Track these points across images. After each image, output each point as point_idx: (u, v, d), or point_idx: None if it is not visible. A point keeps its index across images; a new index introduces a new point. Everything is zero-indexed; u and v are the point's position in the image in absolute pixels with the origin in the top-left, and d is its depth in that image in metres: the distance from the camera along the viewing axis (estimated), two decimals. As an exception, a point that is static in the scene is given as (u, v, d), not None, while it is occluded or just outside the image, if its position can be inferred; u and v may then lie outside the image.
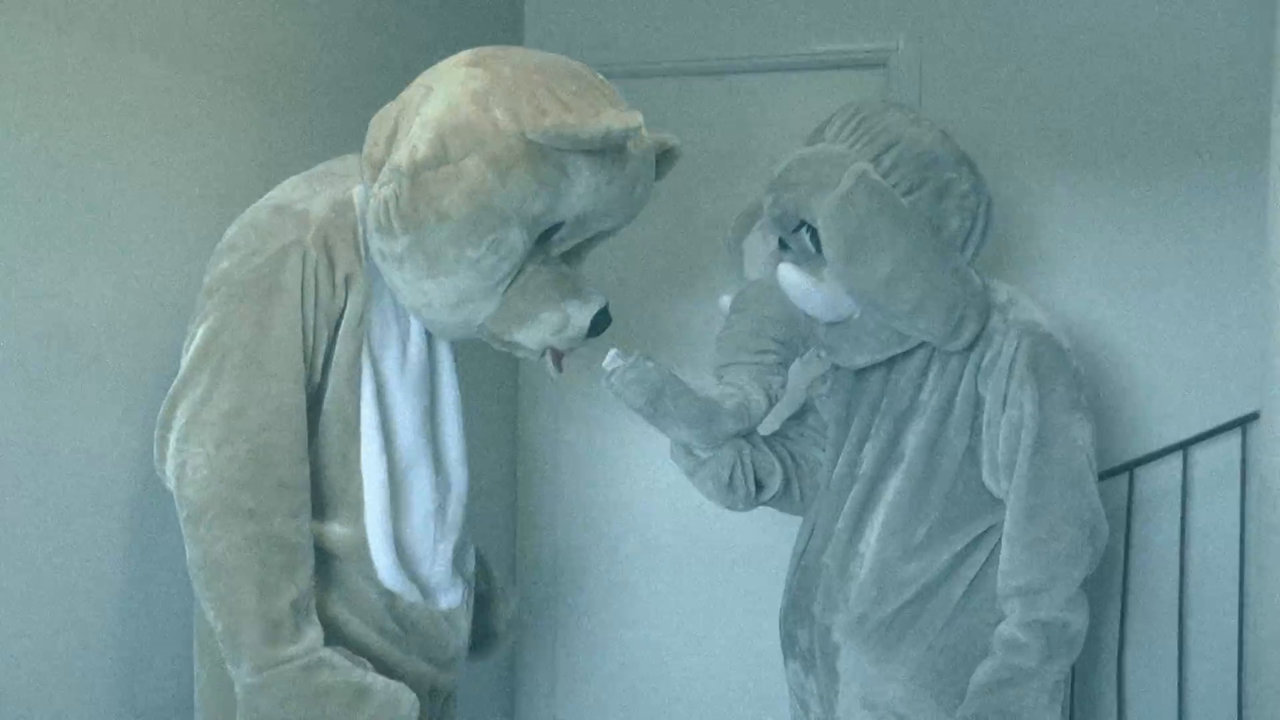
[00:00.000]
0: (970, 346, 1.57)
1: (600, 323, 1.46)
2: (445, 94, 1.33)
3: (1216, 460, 2.29)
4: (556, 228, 1.40)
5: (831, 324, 1.59)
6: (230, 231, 1.39)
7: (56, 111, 1.28)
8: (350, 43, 1.92)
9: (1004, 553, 1.53)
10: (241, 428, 1.27)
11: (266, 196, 1.42)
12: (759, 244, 1.69)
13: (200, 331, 1.30)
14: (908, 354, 1.65)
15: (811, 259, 1.58)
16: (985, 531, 1.57)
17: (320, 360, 1.36)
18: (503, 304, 1.41)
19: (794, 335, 1.60)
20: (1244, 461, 2.23)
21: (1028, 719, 1.48)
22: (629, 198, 1.42)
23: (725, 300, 1.69)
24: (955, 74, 2.42)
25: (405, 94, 1.41)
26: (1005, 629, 1.50)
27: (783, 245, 1.66)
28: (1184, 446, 2.26)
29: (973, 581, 1.57)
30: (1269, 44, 1.80)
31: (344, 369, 1.38)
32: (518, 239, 1.35)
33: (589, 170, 1.34)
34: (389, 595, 1.43)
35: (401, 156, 1.32)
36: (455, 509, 1.57)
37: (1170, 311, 2.31)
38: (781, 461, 1.74)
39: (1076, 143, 2.34)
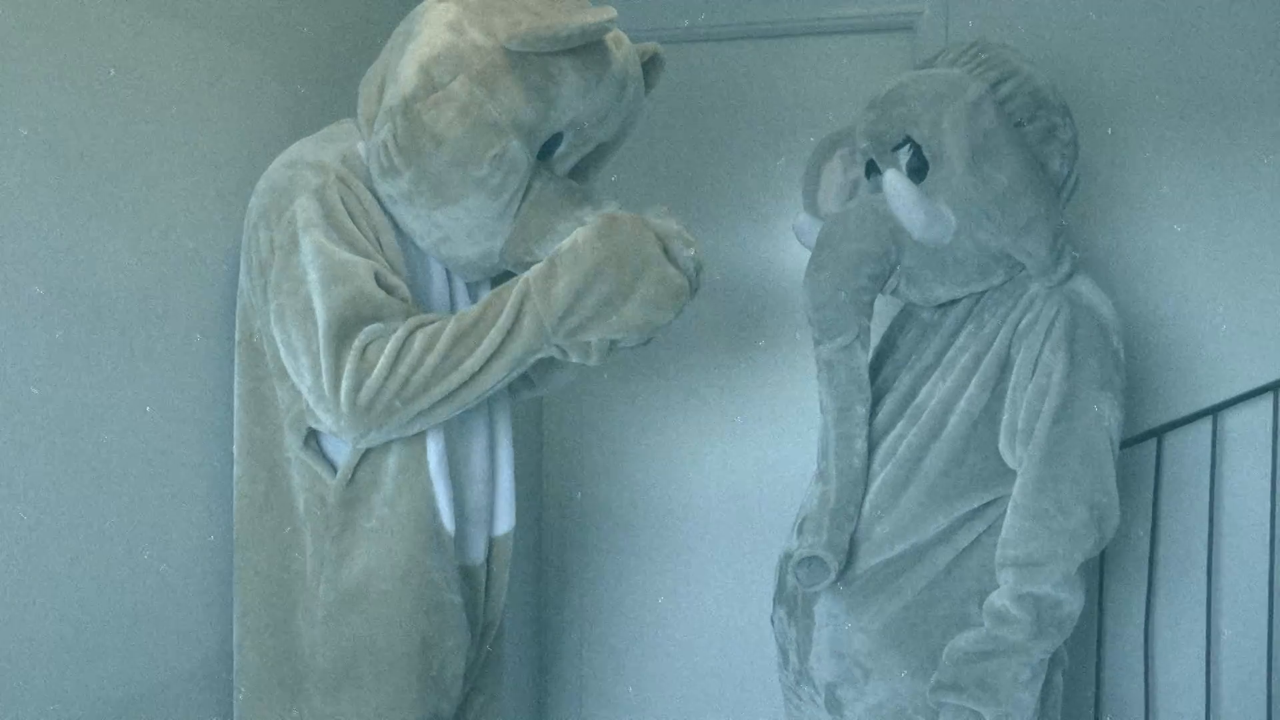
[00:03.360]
0: (1018, 307, 1.56)
1: None
2: (422, 34, 1.37)
3: (1247, 425, 2.26)
4: (556, 141, 1.43)
5: (919, 251, 1.56)
6: (255, 202, 1.42)
7: (80, 80, 1.29)
8: (372, 8, 1.91)
9: (1007, 520, 1.50)
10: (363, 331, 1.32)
11: (280, 157, 1.46)
12: (836, 173, 1.69)
13: (273, 298, 1.35)
14: (945, 312, 1.65)
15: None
16: (991, 502, 1.55)
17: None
18: (518, 224, 1.42)
19: (885, 270, 1.58)
20: (1275, 426, 2.21)
21: (1006, 693, 1.45)
22: (620, 101, 1.44)
23: (803, 220, 1.70)
24: (956, 40, 2.38)
25: (385, 49, 1.45)
26: (996, 599, 1.48)
27: (869, 173, 1.67)
28: (1214, 411, 2.24)
29: (966, 549, 1.55)
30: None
31: None
32: (519, 151, 1.36)
33: (574, 72, 1.36)
34: (449, 545, 1.46)
35: (391, 97, 1.36)
36: (480, 455, 1.57)
37: (1200, 275, 2.28)
38: None
39: (1102, 106, 2.31)
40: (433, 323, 1.35)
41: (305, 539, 1.44)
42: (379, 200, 1.42)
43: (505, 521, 1.62)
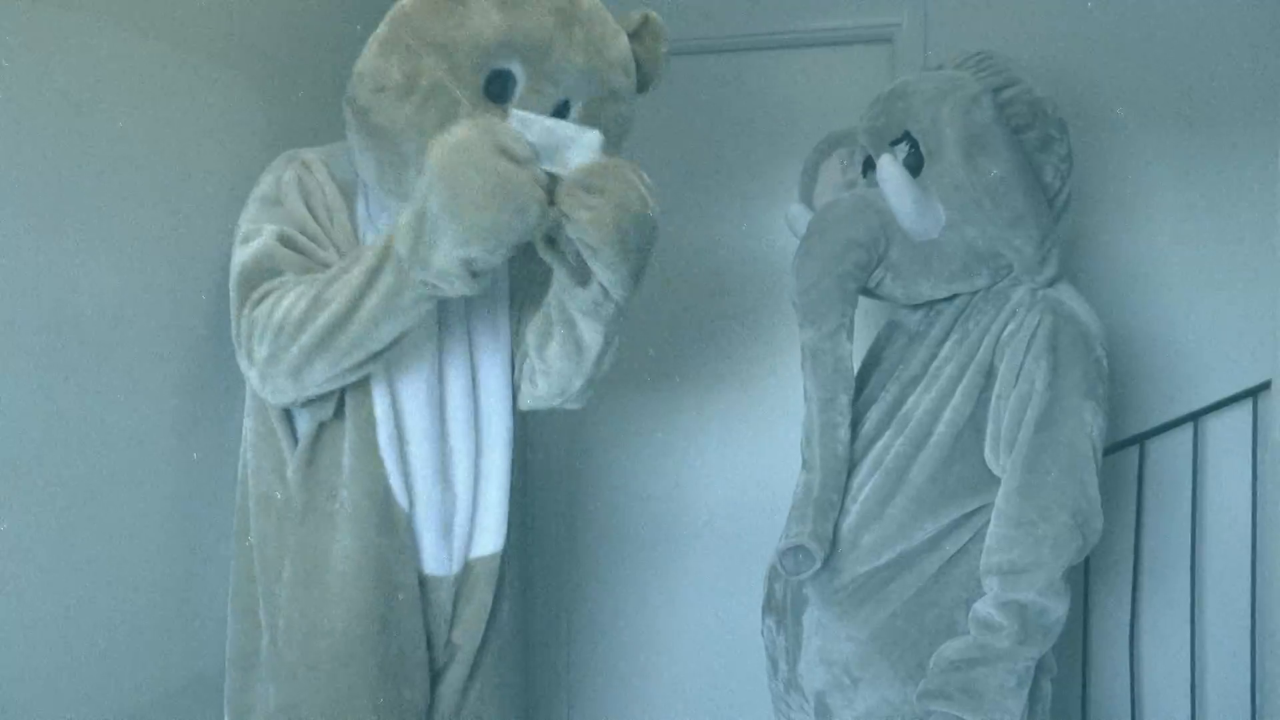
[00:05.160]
0: (1000, 316, 1.57)
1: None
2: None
3: (1228, 431, 2.28)
4: (509, 79, 1.43)
5: (906, 244, 1.58)
6: None
7: (60, 99, 1.29)
8: (354, 26, 1.91)
9: (991, 528, 1.51)
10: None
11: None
12: (834, 172, 1.71)
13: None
14: (931, 322, 1.66)
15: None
16: (977, 510, 1.55)
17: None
18: None
19: (872, 259, 1.59)
20: (1255, 431, 2.23)
21: (992, 699, 1.46)
22: (568, 38, 1.44)
23: (796, 210, 1.71)
24: (960, 49, 2.40)
25: None
26: (981, 607, 1.49)
27: (865, 172, 1.69)
28: (1195, 417, 2.26)
29: (953, 557, 1.55)
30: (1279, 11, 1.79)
31: None
32: (436, 70, 1.39)
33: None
34: (404, 526, 1.47)
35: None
36: (465, 466, 1.54)
37: (1181, 281, 2.30)
38: None
39: (1083, 116, 2.32)
40: (303, 276, 1.37)
41: (269, 524, 1.46)
42: (340, 189, 1.48)
43: (489, 542, 1.56)
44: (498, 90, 1.39)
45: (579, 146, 1.32)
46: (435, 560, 1.52)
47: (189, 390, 1.51)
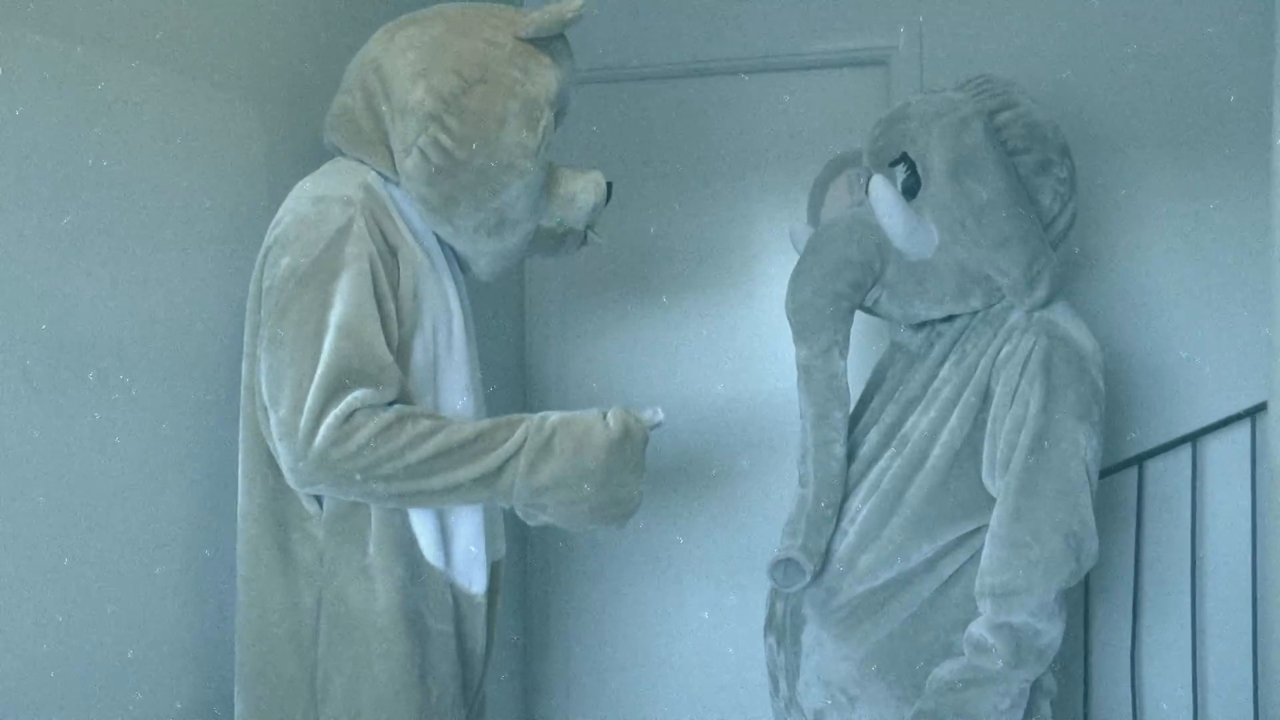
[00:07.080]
0: (997, 338, 1.58)
1: (608, 184, 1.62)
2: (416, 47, 1.44)
3: (1226, 451, 2.28)
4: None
5: (901, 263, 1.59)
6: (276, 231, 1.41)
7: (61, 120, 1.29)
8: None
9: (985, 550, 1.51)
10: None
11: (296, 194, 1.45)
12: (843, 192, 1.72)
13: (272, 322, 1.35)
14: (930, 344, 1.66)
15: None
16: (974, 531, 1.55)
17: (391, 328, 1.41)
18: (551, 195, 1.55)
19: (866, 279, 1.60)
20: (1254, 452, 2.23)
21: None
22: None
23: (798, 228, 1.73)
24: (957, 72, 2.41)
25: (355, 82, 1.50)
26: (975, 629, 1.48)
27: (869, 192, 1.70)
28: (1193, 438, 2.26)
29: (950, 578, 1.55)
30: (1270, 35, 1.81)
31: (404, 342, 1.42)
32: (552, 122, 1.49)
33: (563, 50, 1.52)
34: (434, 577, 1.47)
35: (423, 105, 1.41)
36: None
37: (1178, 303, 2.31)
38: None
39: (1078, 138, 2.33)
40: (423, 418, 1.35)
41: (297, 578, 1.44)
42: (398, 227, 1.46)
43: (501, 545, 1.64)
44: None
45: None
46: (476, 580, 1.54)
47: (188, 414, 1.51)
